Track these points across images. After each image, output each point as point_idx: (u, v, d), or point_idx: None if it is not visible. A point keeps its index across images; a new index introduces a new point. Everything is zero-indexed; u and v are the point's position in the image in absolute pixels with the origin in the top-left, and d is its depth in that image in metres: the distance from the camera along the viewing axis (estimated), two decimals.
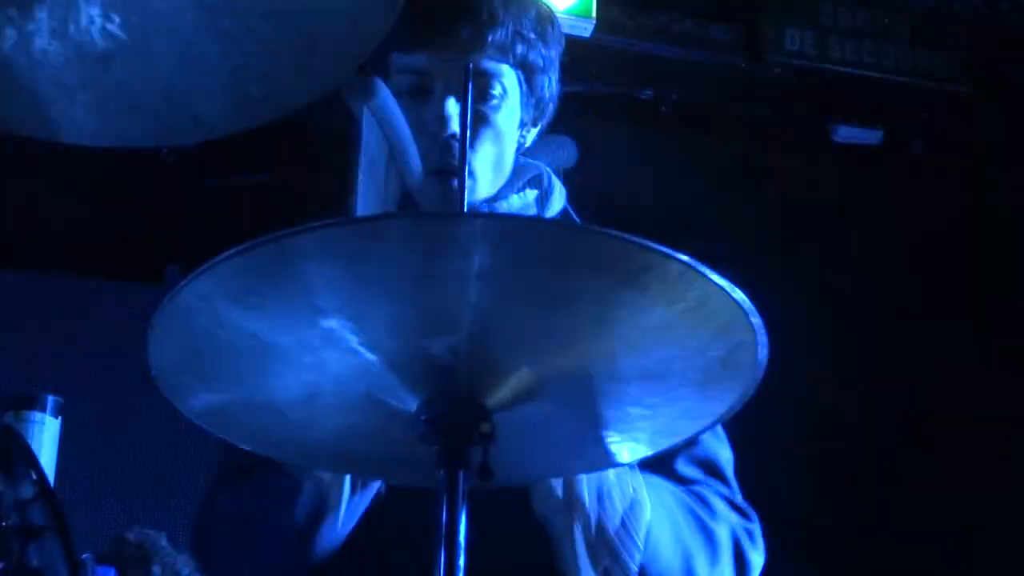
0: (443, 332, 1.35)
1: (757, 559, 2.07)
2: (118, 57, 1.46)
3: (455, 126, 2.02)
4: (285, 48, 1.48)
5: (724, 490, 2.11)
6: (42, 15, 1.44)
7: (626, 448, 1.57)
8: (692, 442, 2.06)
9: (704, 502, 2.04)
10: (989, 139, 5.30)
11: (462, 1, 2.07)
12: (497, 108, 2.10)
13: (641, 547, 1.88)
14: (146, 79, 1.49)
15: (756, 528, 2.10)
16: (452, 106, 2.04)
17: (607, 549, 1.86)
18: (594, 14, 4.63)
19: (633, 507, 1.88)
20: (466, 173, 1.62)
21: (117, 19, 1.45)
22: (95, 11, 1.44)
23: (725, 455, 2.16)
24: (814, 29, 4.93)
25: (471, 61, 2.01)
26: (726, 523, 2.05)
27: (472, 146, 2.06)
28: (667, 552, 1.92)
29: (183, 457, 4.77)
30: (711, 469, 2.12)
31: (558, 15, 2.26)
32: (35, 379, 4.75)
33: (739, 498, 2.14)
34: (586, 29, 4.62)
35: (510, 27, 2.08)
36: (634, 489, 1.89)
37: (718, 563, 2.00)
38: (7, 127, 1.50)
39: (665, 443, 1.57)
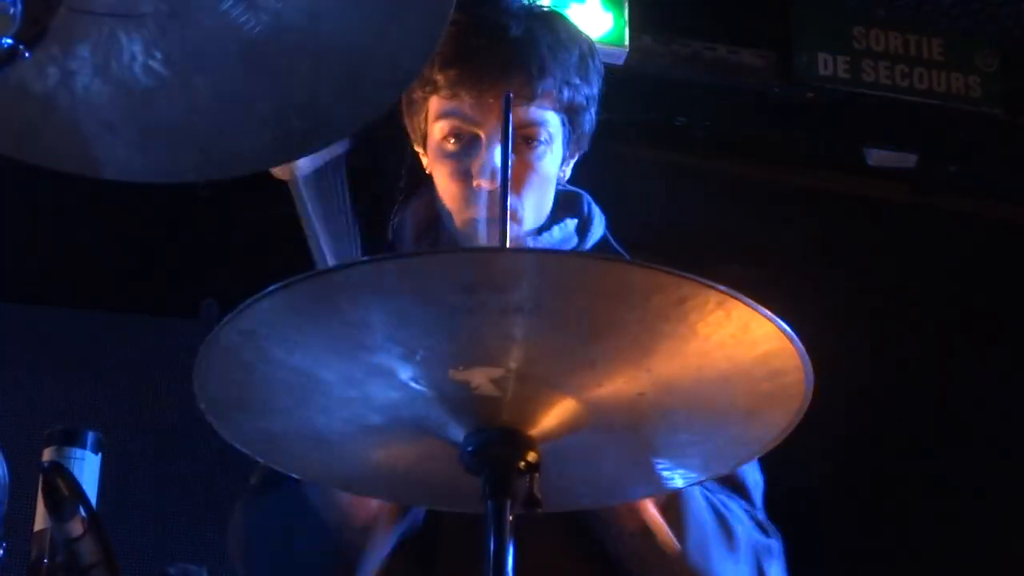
0: (487, 365, 1.36)
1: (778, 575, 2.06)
2: (160, 93, 1.47)
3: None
4: (326, 83, 1.48)
5: (746, 505, 2.10)
6: (84, 53, 1.44)
7: (678, 474, 1.58)
8: None
9: (724, 504, 2.04)
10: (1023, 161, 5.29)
11: (512, 53, 2.04)
12: (543, 155, 2.08)
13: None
14: (188, 114, 1.49)
15: (775, 545, 2.08)
16: (500, 158, 2.01)
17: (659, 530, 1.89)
18: (627, 42, 4.65)
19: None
20: (508, 209, 1.61)
21: (159, 55, 1.45)
22: (137, 48, 1.45)
23: (753, 477, 2.14)
24: (847, 53, 4.93)
25: (514, 100, 2.01)
26: (744, 528, 2.04)
27: (519, 194, 2.05)
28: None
29: (223, 490, 4.76)
30: (736, 487, 2.11)
31: None
32: (74, 415, 4.76)
33: (761, 515, 2.12)
34: (619, 57, 4.63)
35: (558, 76, 2.06)
36: None
37: (736, 560, 1.99)
38: (51, 164, 1.50)
39: (718, 469, 1.59)
